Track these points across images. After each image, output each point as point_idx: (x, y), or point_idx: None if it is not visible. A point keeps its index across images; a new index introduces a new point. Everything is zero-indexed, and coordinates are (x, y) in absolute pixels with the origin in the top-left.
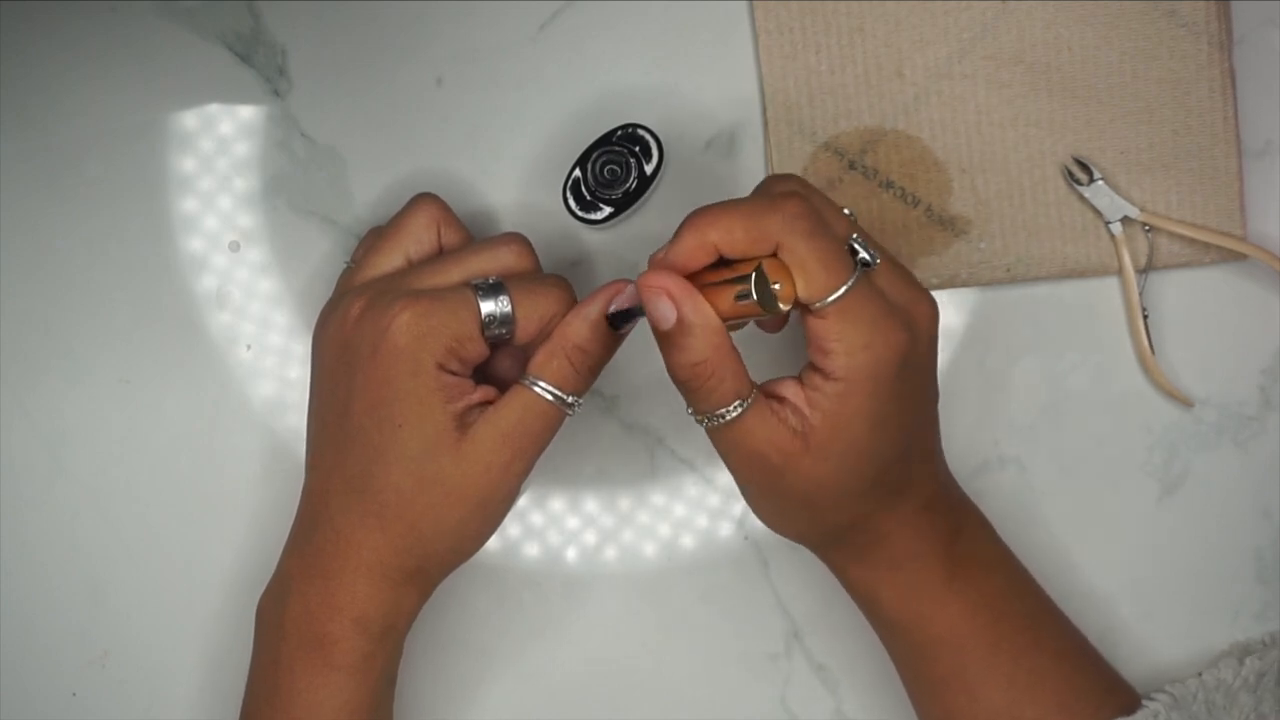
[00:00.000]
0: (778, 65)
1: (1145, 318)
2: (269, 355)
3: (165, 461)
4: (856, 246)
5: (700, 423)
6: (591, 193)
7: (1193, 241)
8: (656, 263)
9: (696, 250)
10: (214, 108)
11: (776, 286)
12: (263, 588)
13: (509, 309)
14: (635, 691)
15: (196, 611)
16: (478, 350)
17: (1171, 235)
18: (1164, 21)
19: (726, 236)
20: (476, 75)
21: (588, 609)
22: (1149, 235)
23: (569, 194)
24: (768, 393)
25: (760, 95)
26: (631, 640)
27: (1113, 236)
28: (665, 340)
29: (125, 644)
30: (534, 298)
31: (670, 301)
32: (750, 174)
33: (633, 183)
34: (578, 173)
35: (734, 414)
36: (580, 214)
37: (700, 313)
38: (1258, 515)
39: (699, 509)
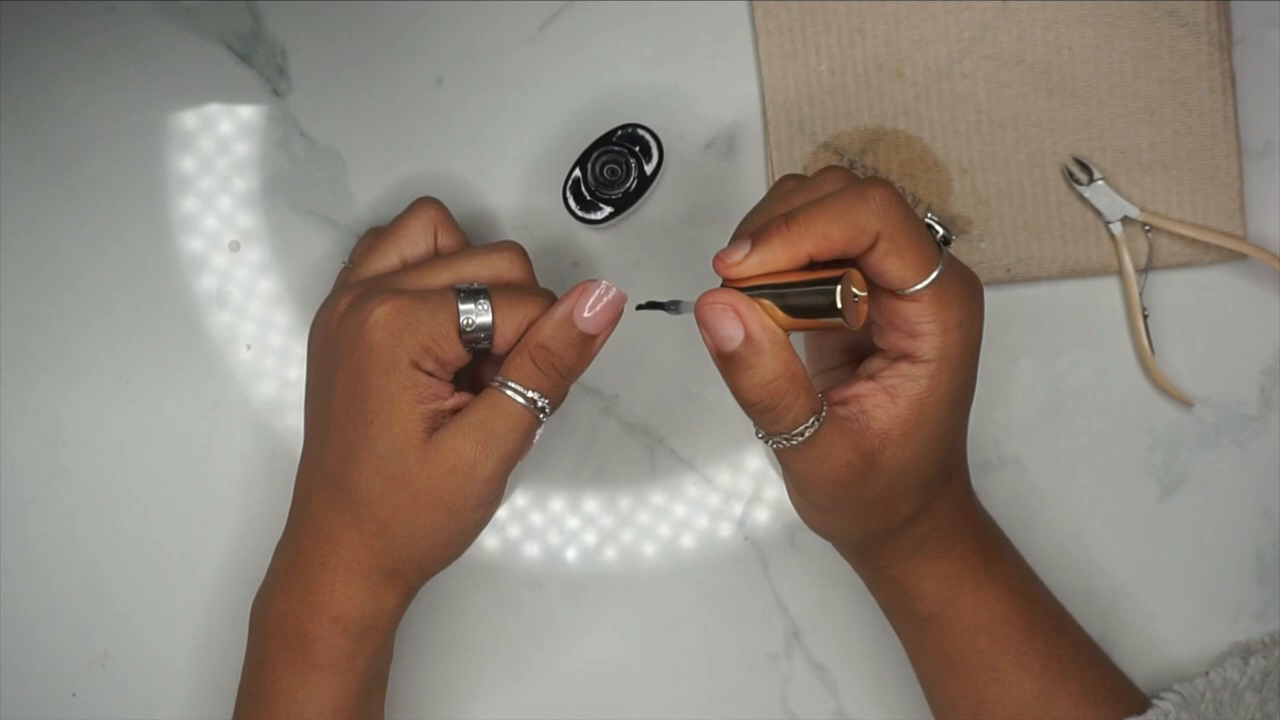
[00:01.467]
0: (778, 65)
1: (1145, 318)
2: (269, 355)
3: (165, 461)
4: (934, 225)
5: (772, 445)
6: (591, 193)
7: (1193, 241)
8: (726, 267)
9: (787, 261)
10: (214, 108)
11: (855, 300)
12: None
13: (488, 317)
14: (635, 691)
15: (196, 612)
16: (454, 353)
17: (1171, 235)
18: (1164, 21)
19: (823, 241)
20: (476, 75)
21: (588, 609)
22: (1149, 235)
23: (569, 194)
24: (834, 400)
25: (760, 95)
26: (631, 640)
27: (1113, 236)
28: (731, 361)
29: (125, 644)
30: (515, 307)
31: (738, 320)
32: (750, 174)
33: (633, 183)
34: (578, 173)
35: (810, 431)
36: (580, 214)
37: (769, 329)
38: (1258, 515)
39: (699, 509)
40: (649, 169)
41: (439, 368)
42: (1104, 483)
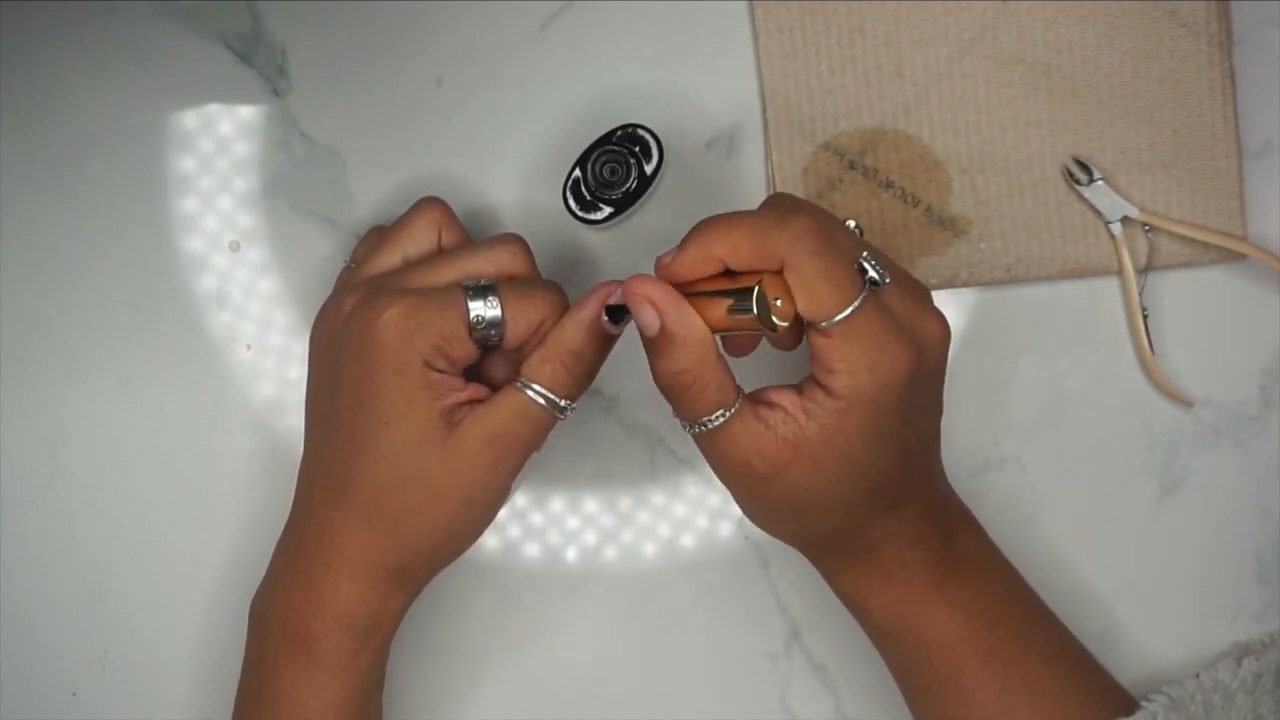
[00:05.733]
0: (778, 65)
1: (1145, 318)
2: (269, 355)
3: (165, 461)
4: (866, 266)
5: (685, 429)
6: (591, 193)
7: (1193, 241)
8: (659, 268)
9: (700, 262)
10: (214, 108)
11: (777, 302)
12: None
13: (498, 312)
14: (635, 691)
15: (196, 611)
16: (465, 350)
17: (1171, 235)
18: (1164, 21)
19: (732, 251)
20: (476, 75)
21: (588, 609)
22: (1149, 235)
23: (569, 194)
24: (760, 400)
25: (760, 95)
26: (632, 640)
27: (1113, 236)
28: (650, 346)
29: (125, 644)
30: (524, 302)
31: (655, 310)
32: (750, 174)
33: (633, 183)
34: (578, 173)
35: (717, 422)
36: (580, 214)
37: (685, 323)
38: (1258, 515)
39: (699, 509)
40: (649, 169)
41: (450, 365)
42: (1104, 483)
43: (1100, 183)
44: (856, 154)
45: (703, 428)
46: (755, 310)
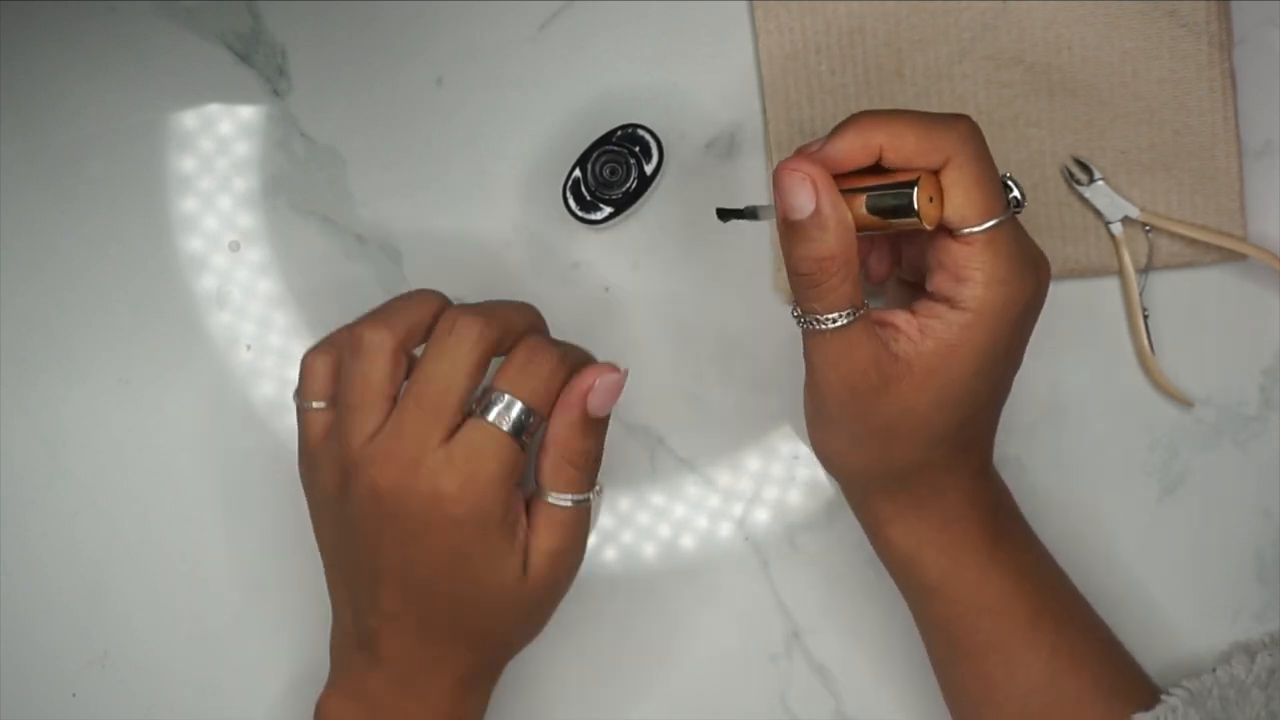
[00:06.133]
0: (778, 65)
1: (1145, 318)
2: (269, 355)
3: (165, 461)
4: (1011, 184)
5: (805, 325)
6: (591, 193)
7: (1193, 241)
8: (808, 154)
9: (859, 150)
10: (214, 108)
11: (929, 200)
12: (261, 587)
13: (527, 414)
14: (635, 691)
15: (196, 611)
16: (522, 464)
17: (1171, 235)
18: (1164, 21)
19: (896, 141)
20: (476, 75)
21: (588, 609)
22: (1149, 235)
23: (569, 194)
24: (872, 319)
25: (760, 95)
26: (631, 640)
27: (1113, 236)
28: (795, 230)
29: (125, 644)
30: (531, 379)
31: (813, 191)
32: (750, 174)
33: (633, 183)
34: (578, 173)
35: (843, 321)
36: (580, 214)
37: (839, 208)
38: (1258, 515)
39: (699, 509)
40: (649, 169)
41: (514, 490)
42: (1104, 483)
43: (1100, 183)
44: None
45: (827, 324)
46: (915, 206)
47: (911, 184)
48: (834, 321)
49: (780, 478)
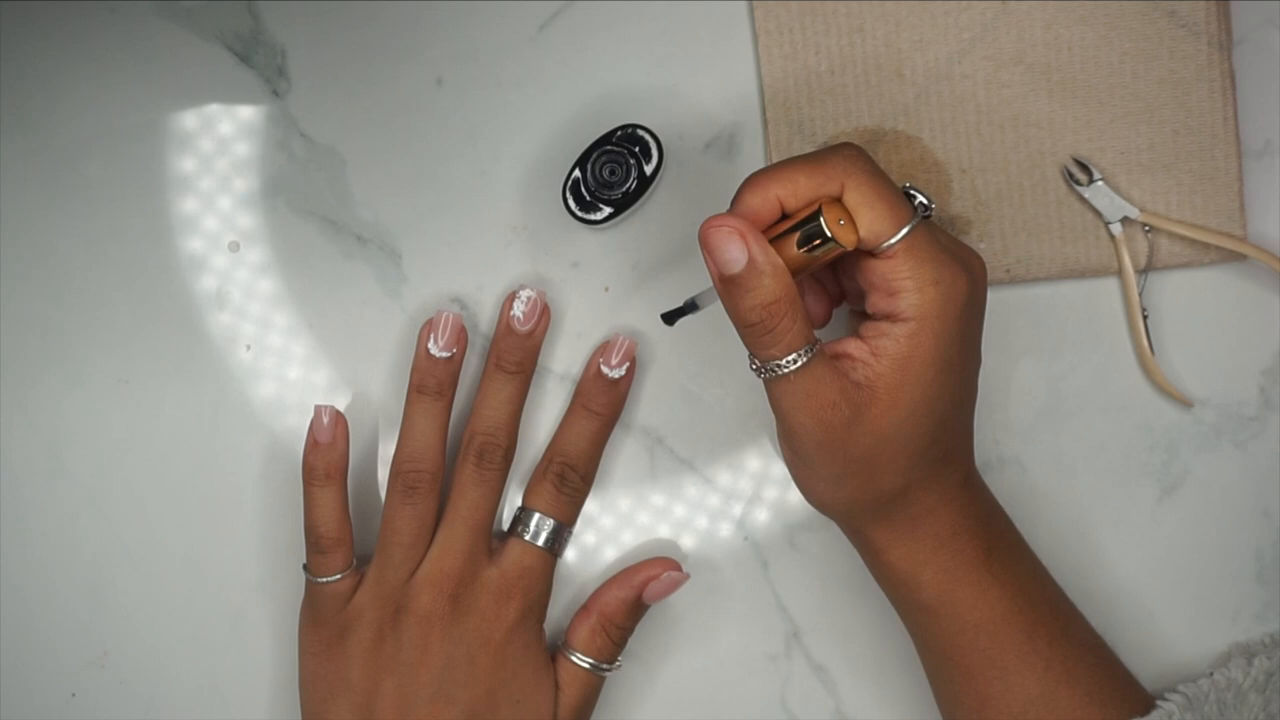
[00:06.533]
0: (778, 65)
1: (1145, 318)
2: (269, 355)
3: (165, 461)
4: (913, 192)
5: (764, 375)
6: (591, 193)
7: (1193, 242)
8: (725, 214)
9: (761, 206)
10: (214, 108)
11: (840, 223)
12: (261, 587)
13: (558, 528)
14: (635, 692)
15: (196, 611)
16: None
17: (1171, 235)
18: (1164, 22)
19: (789, 186)
20: (476, 75)
21: None
22: (1149, 235)
23: (569, 194)
24: (829, 352)
25: (760, 95)
26: (631, 640)
27: (1113, 237)
28: (734, 284)
29: (125, 644)
30: (548, 498)
31: (742, 241)
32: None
33: (632, 183)
34: (577, 173)
35: (800, 362)
36: (580, 214)
37: (771, 254)
38: (1258, 515)
39: (699, 509)
40: (649, 169)
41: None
42: (1104, 483)
43: (1100, 183)
44: None
45: (788, 367)
46: (826, 229)
47: (816, 213)
48: (794, 363)
49: (780, 478)
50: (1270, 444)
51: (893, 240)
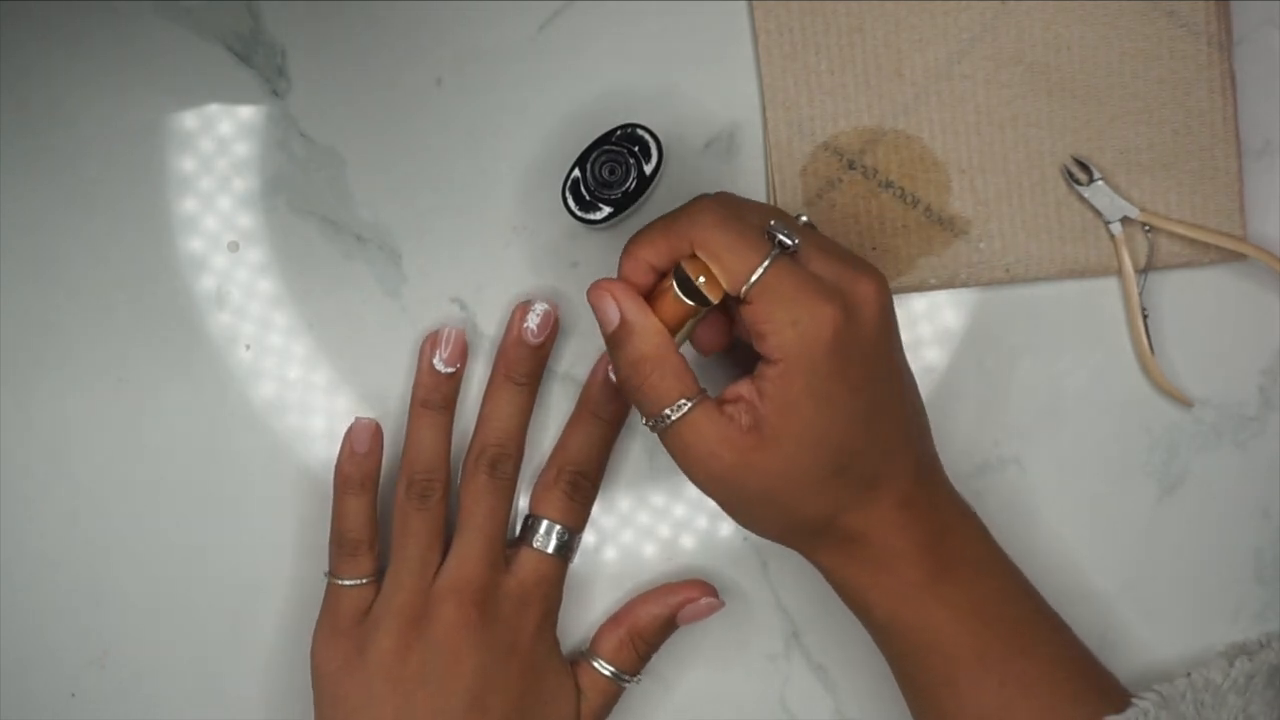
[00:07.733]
0: (778, 65)
1: (1145, 318)
2: (269, 355)
3: (165, 461)
4: (774, 231)
5: (652, 428)
6: (591, 193)
7: (1193, 241)
8: (599, 286)
9: (638, 270)
10: (214, 108)
11: (700, 280)
12: (262, 587)
13: (569, 535)
14: (635, 692)
15: (196, 611)
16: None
17: (1171, 235)
18: (1164, 21)
19: (651, 249)
20: (476, 75)
21: (588, 609)
22: (1149, 235)
23: (568, 194)
24: (722, 399)
25: (760, 95)
26: None
27: (1112, 236)
28: (612, 341)
29: (125, 644)
30: (559, 505)
31: (614, 301)
32: (749, 174)
33: (632, 183)
34: (577, 173)
35: (680, 413)
36: (580, 214)
37: (642, 313)
38: (1258, 515)
39: (699, 509)
40: (649, 169)
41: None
42: (1104, 483)
43: (1100, 183)
44: (856, 154)
45: (667, 420)
46: (677, 286)
47: (680, 271)
48: (670, 417)
49: None
50: (1270, 444)
51: (747, 285)
